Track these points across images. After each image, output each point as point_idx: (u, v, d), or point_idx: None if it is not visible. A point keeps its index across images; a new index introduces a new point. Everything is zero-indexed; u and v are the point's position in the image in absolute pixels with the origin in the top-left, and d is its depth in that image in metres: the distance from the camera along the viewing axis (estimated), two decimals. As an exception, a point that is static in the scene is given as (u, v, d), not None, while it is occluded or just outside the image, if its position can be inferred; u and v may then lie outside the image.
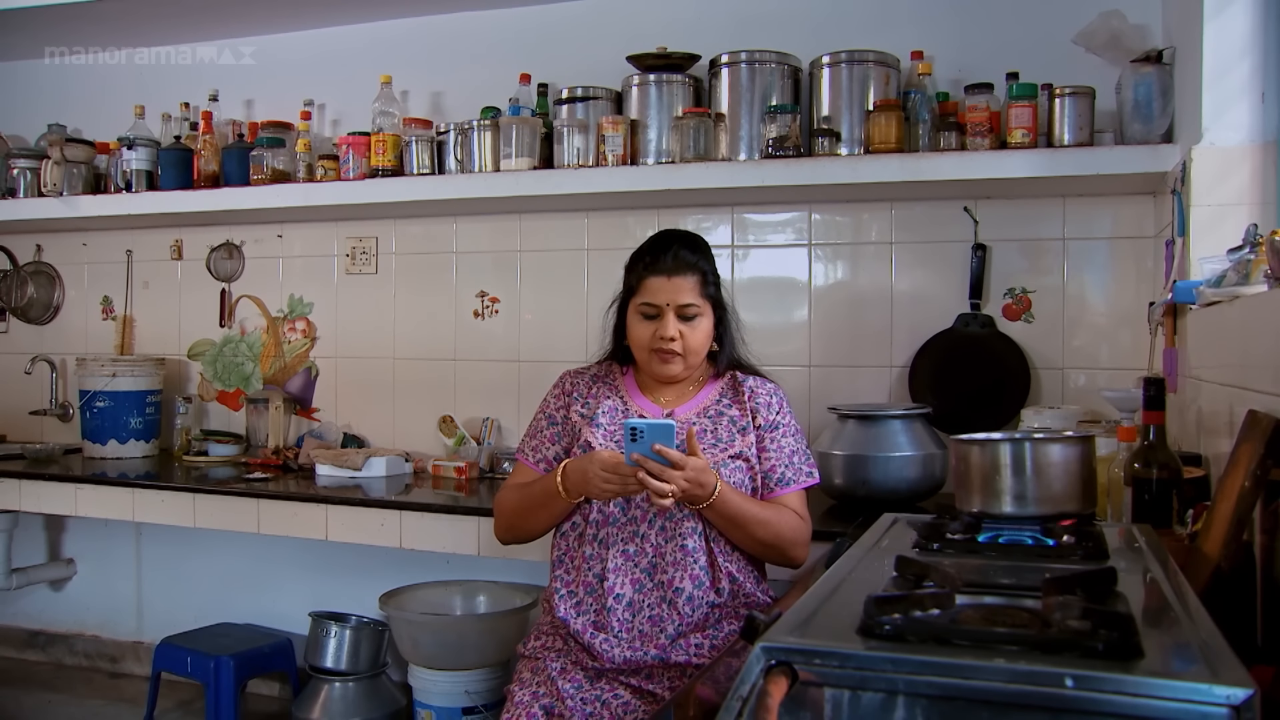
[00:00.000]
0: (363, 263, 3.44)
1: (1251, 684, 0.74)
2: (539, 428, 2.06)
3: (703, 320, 1.98)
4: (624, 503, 1.92)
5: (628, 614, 1.87)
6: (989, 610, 0.98)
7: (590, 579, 1.91)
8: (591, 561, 1.92)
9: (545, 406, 2.08)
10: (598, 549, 1.92)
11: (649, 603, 1.88)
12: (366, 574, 3.26)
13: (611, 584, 1.88)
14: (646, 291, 1.97)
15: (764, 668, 0.85)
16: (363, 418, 3.45)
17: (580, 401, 2.05)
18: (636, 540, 1.91)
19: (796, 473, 1.98)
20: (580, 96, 2.89)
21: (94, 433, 3.47)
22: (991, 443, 1.49)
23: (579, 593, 1.92)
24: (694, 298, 1.96)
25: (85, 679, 3.75)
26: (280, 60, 3.50)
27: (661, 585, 1.88)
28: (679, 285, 1.95)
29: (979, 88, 2.56)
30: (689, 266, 1.97)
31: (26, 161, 3.53)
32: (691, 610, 1.86)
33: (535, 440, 2.05)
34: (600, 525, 1.93)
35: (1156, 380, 1.67)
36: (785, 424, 2.01)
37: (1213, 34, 2.06)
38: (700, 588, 1.88)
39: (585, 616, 1.90)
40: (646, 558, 1.90)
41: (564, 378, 2.11)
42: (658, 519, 1.91)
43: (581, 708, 1.82)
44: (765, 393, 2.03)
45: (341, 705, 3.04)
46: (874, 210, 2.88)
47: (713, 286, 2.01)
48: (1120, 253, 2.69)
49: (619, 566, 1.89)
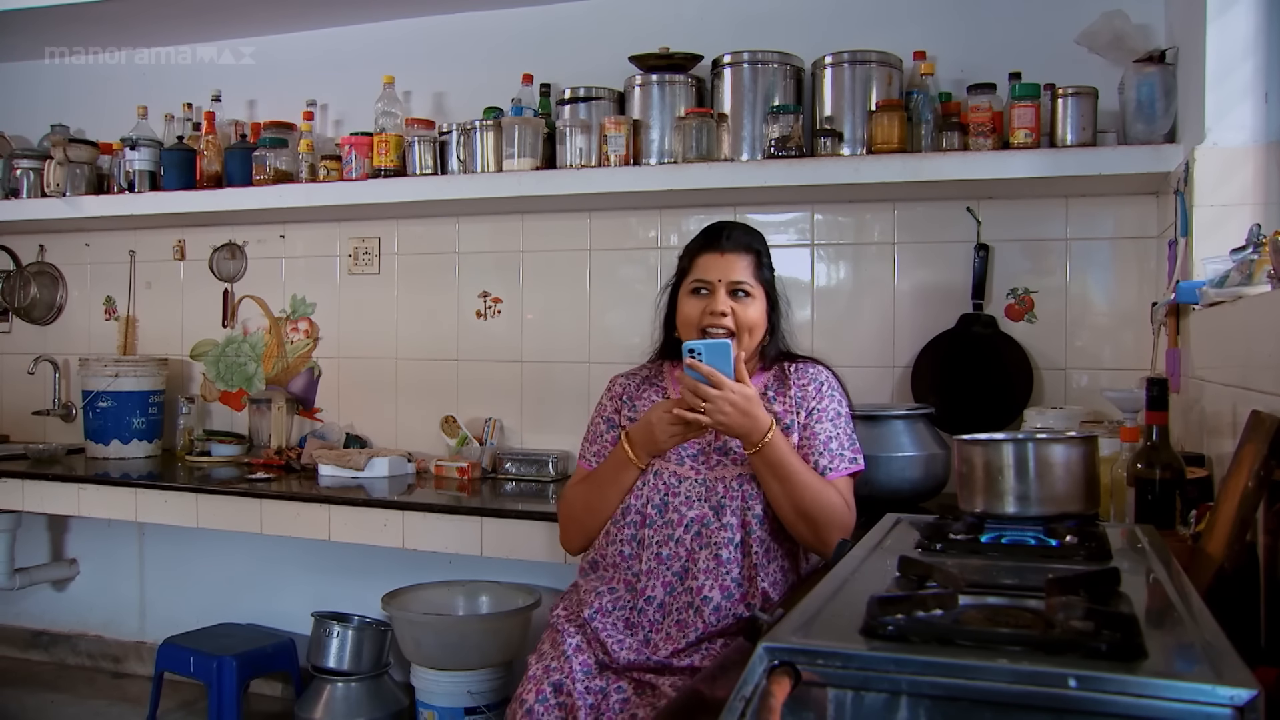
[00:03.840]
0: (365, 263, 3.45)
1: (1255, 684, 0.74)
2: (598, 432, 2.09)
3: (755, 302, 1.97)
4: (661, 504, 1.93)
5: (658, 615, 1.88)
6: (992, 611, 0.98)
7: (628, 578, 1.93)
8: (630, 561, 1.93)
9: (601, 411, 2.11)
10: (635, 549, 1.94)
11: (677, 607, 1.88)
12: (369, 574, 3.27)
13: (644, 585, 1.89)
14: (699, 269, 1.98)
15: (767, 668, 0.84)
16: (365, 418, 3.45)
17: (629, 405, 2.07)
18: (671, 544, 1.91)
19: (834, 459, 1.94)
20: (583, 97, 2.89)
21: (97, 433, 3.47)
22: (994, 443, 1.48)
23: (619, 590, 1.93)
24: (747, 276, 1.96)
25: (88, 679, 3.76)
26: (283, 61, 3.50)
27: (690, 591, 1.87)
28: (732, 262, 1.96)
29: (981, 88, 2.56)
30: (744, 246, 1.98)
31: (29, 162, 3.53)
32: (717, 620, 1.85)
33: (595, 445, 2.08)
34: (639, 526, 1.94)
35: (1159, 380, 1.67)
36: (823, 409, 1.98)
37: (1216, 34, 2.06)
38: (729, 599, 1.86)
39: (619, 613, 1.90)
40: (680, 562, 1.90)
41: (614, 382, 2.14)
42: (694, 525, 1.91)
43: (585, 696, 1.82)
44: (810, 379, 2.01)
45: (344, 705, 3.05)
46: (876, 210, 2.88)
47: (768, 270, 2.00)
48: (1123, 253, 2.69)
49: (652, 569, 1.90)
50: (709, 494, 1.93)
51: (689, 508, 1.92)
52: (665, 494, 1.94)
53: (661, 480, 1.95)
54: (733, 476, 1.93)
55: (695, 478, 1.95)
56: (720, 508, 1.91)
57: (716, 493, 1.92)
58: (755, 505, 1.91)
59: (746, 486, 1.92)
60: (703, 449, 1.98)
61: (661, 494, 1.95)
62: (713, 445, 1.98)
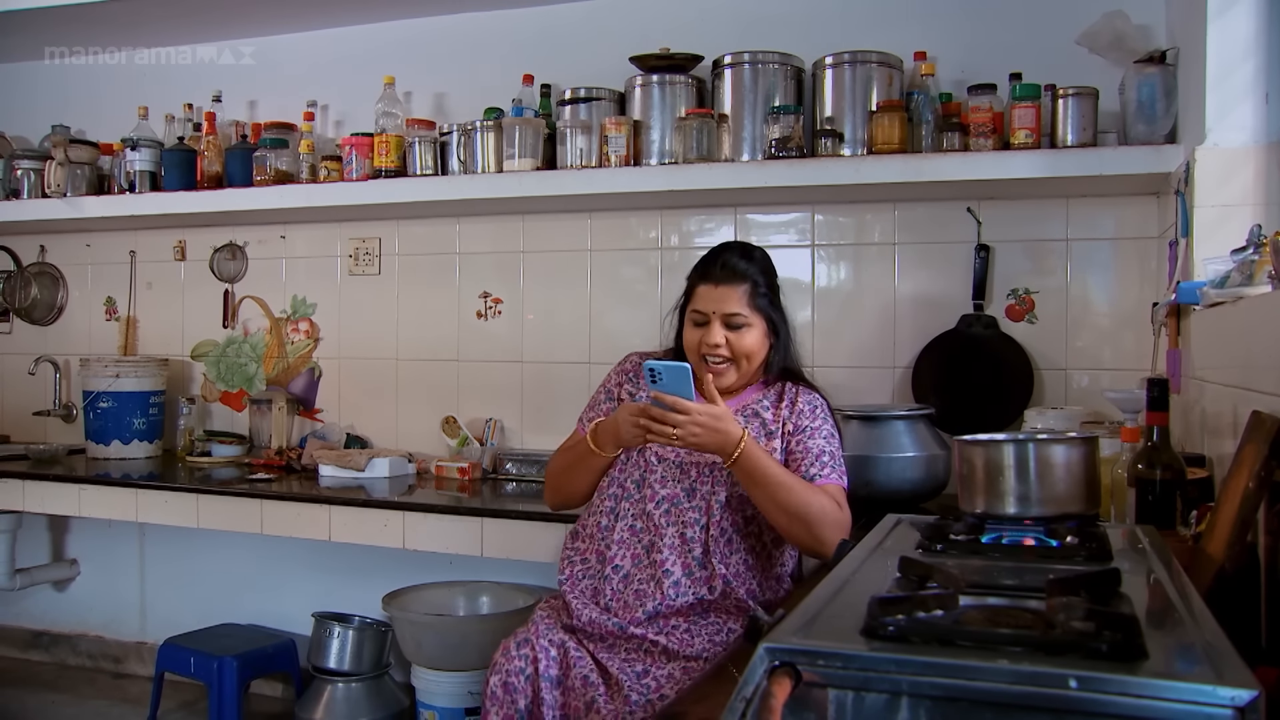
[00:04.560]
0: (366, 263, 3.45)
1: (1256, 685, 0.74)
2: (597, 401, 2.18)
3: (751, 330, 2.02)
4: (639, 480, 2.04)
5: (621, 585, 1.97)
6: (993, 611, 0.97)
7: (600, 547, 2.03)
8: (605, 531, 2.03)
9: (606, 382, 2.20)
10: (611, 520, 2.04)
11: (640, 578, 1.96)
12: (369, 575, 3.27)
13: (613, 554, 1.99)
14: (697, 299, 2.05)
15: (767, 669, 0.84)
16: (366, 418, 3.46)
17: (632, 382, 2.15)
18: (643, 518, 2.01)
19: (824, 468, 1.99)
20: (583, 97, 2.89)
21: (97, 433, 3.47)
22: (995, 444, 1.48)
23: (590, 559, 2.04)
24: (740, 308, 2.00)
25: (88, 679, 3.76)
26: (283, 61, 3.50)
27: (654, 564, 1.96)
28: (725, 295, 2.00)
29: (982, 88, 2.56)
30: (738, 276, 2.01)
31: (30, 163, 3.54)
32: (676, 595, 1.93)
33: (593, 412, 2.16)
34: (618, 499, 2.05)
35: (1160, 381, 1.67)
36: (815, 428, 2.03)
37: (1216, 34, 2.06)
38: (690, 576, 1.94)
39: (587, 580, 2.01)
40: (649, 535, 1.99)
41: (628, 357, 2.21)
42: (665, 503, 2.00)
43: (548, 649, 1.90)
44: (805, 402, 2.06)
45: (344, 706, 3.05)
46: (877, 211, 2.88)
47: (764, 298, 2.03)
48: (1123, 253, 2.69)
49: (623, 539, 2.00)
50: (683, 475, 2.02)
51: (663, 486, 2.01)
52: (644, 470, 2.04)
53: (643, 458, 2.05)
54: (708, 461, 2.00)
55: (673, 459, 2.03)
56: (691, 490, 2.00)
57: (690, 475, 2.02)
58: (720, 492, 1.99)
59: (717, 473, 2.00)
60: None
61: (641, 470, 2.05)
62: None
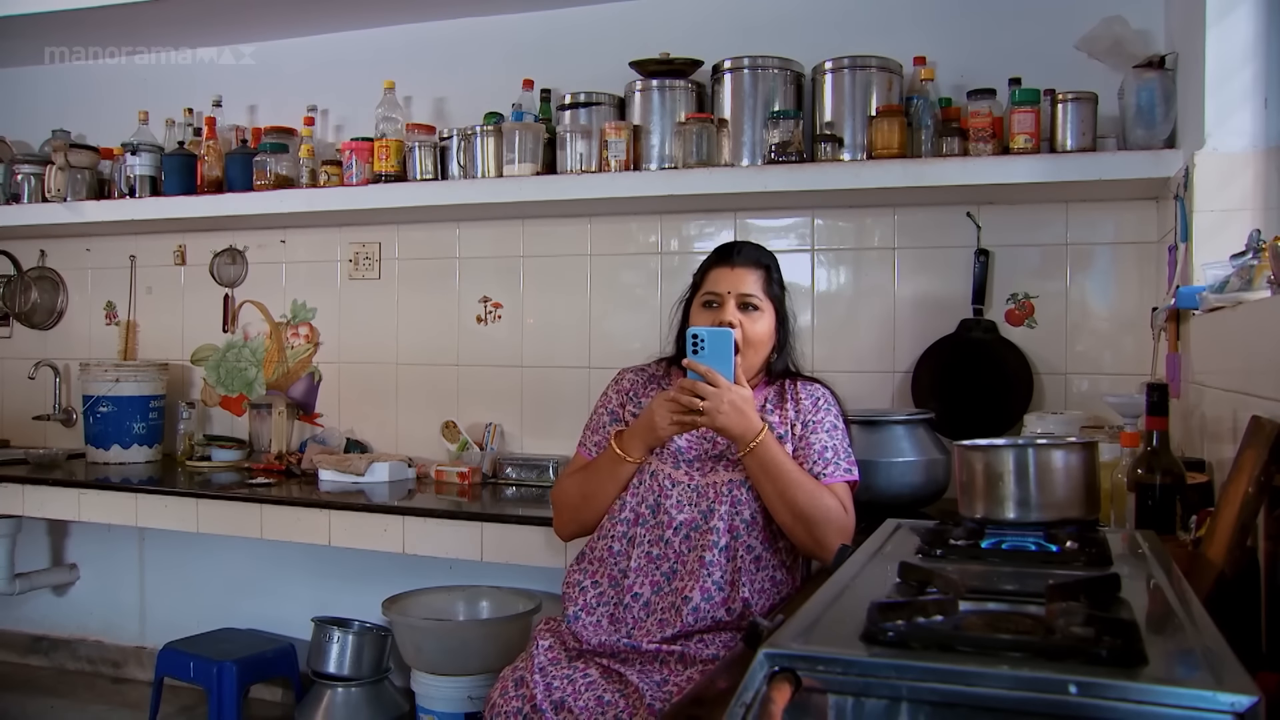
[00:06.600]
0: (366, 268, 3.45)
1: (1256, 691, 0.74)
2: (600, 422, 2.11)
3: (763, 317, 2.00)
4: (654, 505, 1.96)
5: (642, 613, 1.91)
6: (992, 617, 0.97)
7: (614, 573, 1.96)
8: (619, 557, 1.96)
9: (606, 402, 2.13)
10: (625, 546, 1.97)
11: (661, 606, 1.91)
12: (369, 579, 3.26)
13: (632, 582, 1.93)
14: (710, 282, 2.02)
15: (767, 674, 0.84)
16: (366, 423, 3.45)
17: (634, 401, 2.10)
18: (661, 545, 1.94)
19: (829, 466, 1.97)
20: (583, 102, 2.89)
21: (97, 438, 3.47)
22: (995, 448, 1.49)
23: (602, 584, 1.96)
24: (756, 290, 1.99)
25: (88, 684, 3.75)
26: (283, 66, 3.50)
27: (675, 592, 1.91)
28: (742, 275, 2.00)
29: (982, 93, 2.56)
30: (754, 261, 2.02)
31: (30, 167, 3.54)
32: (695, 620, 1.87)
33: (597, 436, 2.10)
34: (631, 524, 1.97)
35: (1159, 386, 1.67)
36: (819, 421, 2.00)
37: (1215, 39, 2.06)
38: (709, 601, 1.88)
39: (603, 609, 1.94)
40: (668, 563, 1.93)
41: (621, 375, 2.16)
42: (684, 528, 1.94)
43: (540, 683, 1.85)
44: (809, 394, 2.04)
45: (344, 711, 3.04)
46: (877, 215, 2.88)
47: (777, 287, 2.04)
48: (1123, 258, 2.69)
49: (641, 567, 1.94)
50: (699, 499, 1.96)
51: (679, 511, 1.95)
52: (659, 495, 1.97)
53: (656, 482, 1.98)
54: (724, 481, 1.96)
55: (688, 483, 1.97)
56: (709, 512, 1.94)
57: (707, 497, 1.95)
58: (744, 510, 1.94)
59: (737, 491, 1.94)
60: (698, 455, 2.01)
61: (655, 495, 1.98)
62: (708, 452, 2.01)
